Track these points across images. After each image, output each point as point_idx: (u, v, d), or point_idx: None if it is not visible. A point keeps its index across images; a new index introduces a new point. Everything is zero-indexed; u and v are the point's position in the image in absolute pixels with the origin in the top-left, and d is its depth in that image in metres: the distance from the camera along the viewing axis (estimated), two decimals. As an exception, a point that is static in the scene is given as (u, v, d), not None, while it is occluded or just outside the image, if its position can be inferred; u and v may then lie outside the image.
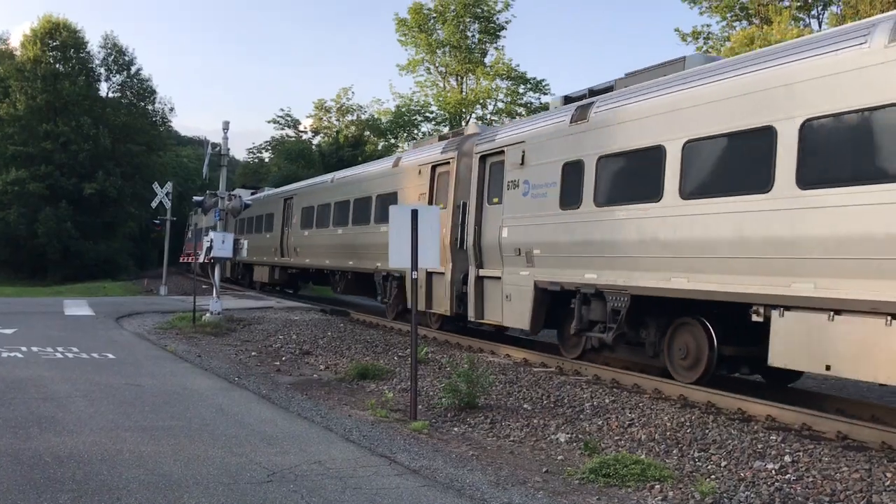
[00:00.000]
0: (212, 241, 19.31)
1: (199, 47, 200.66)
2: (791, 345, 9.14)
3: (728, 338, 10.73)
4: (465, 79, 51.61)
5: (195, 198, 22.26)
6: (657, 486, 6.83)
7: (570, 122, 13.19)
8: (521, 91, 50.54)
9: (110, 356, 13.44)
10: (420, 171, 18.63)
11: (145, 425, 8.28)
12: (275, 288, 33.45)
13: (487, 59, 50.96)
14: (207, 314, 19.26)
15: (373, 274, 21.12)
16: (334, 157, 51.67)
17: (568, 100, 14.47)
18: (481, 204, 15.67)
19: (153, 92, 63.00)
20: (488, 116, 50.74)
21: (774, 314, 9.30)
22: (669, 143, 10.95)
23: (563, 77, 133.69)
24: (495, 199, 15.25)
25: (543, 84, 50.28)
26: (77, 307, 22.80)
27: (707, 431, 8.69)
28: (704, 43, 40.97)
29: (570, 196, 12.95)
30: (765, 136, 9.51)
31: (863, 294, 8.28)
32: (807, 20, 38.54)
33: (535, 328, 14.07)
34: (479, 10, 49.55)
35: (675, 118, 10.94)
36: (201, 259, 20.76)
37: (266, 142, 64.66)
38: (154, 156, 62.17)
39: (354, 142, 54.60)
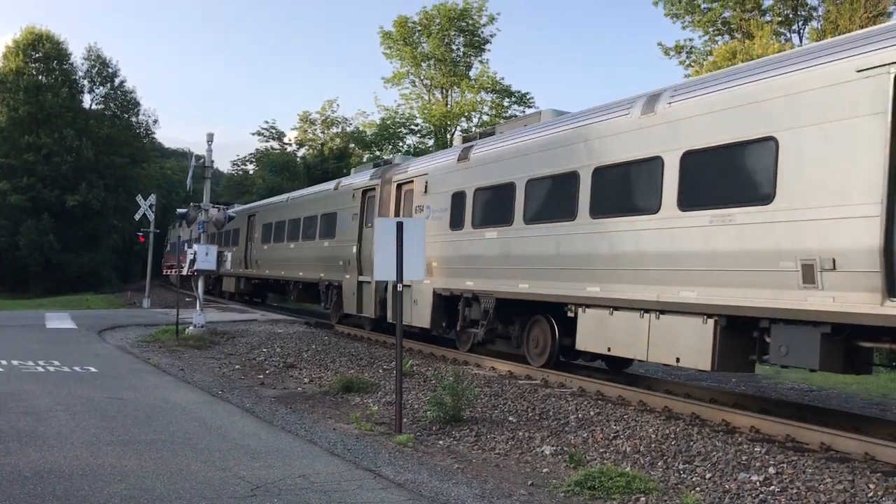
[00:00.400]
0: (195, 253, 19.23)
1: (184, 59, 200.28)
2: (587, 333, 12.34)
3: (565, 331, 13.45)
4: (450, 92, 51.73)
5: (179, 210, 22.18)
6: (642, 499, 6.83)
7: (457, 160, 16.35)
8: (505, 104, 50.72)
9: (92, 369, 13.32)
10: (353, 195, 21.39)
11: (127, 439, 8.20)
12: (242, 297, 35.51)
13: (472, 73, 51.14)
14: (191, 327, 19.15)
15: (318, 283, 24.08)
16: (319, 170, 51.57)
17: (465, 139, 17.94)
18: None
19: (137, 104, 62.72)
20: (473, 129, 50.86)
21: (579, 311, 12.47)
22: (518, 180, 14.16)
23: (548, 90, 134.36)
24: None
25: (528, 97, 50.50)
26: (59, 320, 22.61)
27: (692, 443, 8.70)
28: (687, 57, 41.30)
29: (456, 220, 15.98)
30: (573, 179, 12.69)
31: (628, 295, 11.38)
32: (788, 35, 38.96)
33: (434, 327, 16.87)
34: (463, 24, 49.73)
35: (523, 161, 14.17)
36: (184, 271, 20.64)
37: (251, 154, 64.40)
38: (138, 168, 61.78)
39: (339, 154, 54.52)
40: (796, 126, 9.02)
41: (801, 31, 39.20)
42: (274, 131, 61.79)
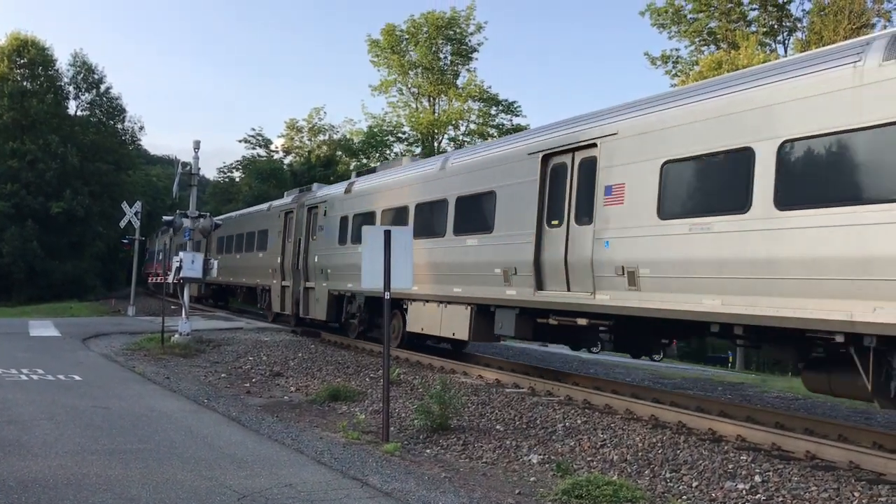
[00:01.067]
0: (181, 261, 19.14)
1: (171, 66, 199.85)
2: (411, 319, 17.24)
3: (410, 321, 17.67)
4: (437, 100, 51.86)
5: (165, 217, 22.07)
6: (629, 507, 6.84)
7: (344, 192, 21.37)
8: (493, 112, 50.89)
9: (77, 378, 13.22)
10: (279, 215, 26.29)
11: (113, 448, 8.14)
12: (206, 301, 37.94)
13: (460, 81, 51.31)
14: (176, 335, 19.05)
15: (255, 288, 29.02)
16: (306, 177, 51.52)
17: (359, 174, 23.30)
18: (308, 239, 23.33)
19: (123, 110, 62.45)
20: (460, 137, 51.01)
21: (409, 304, 17.27)
22: (378, 210, 18.96)
23: (535, 99, 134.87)
24: (314, 237, 22.92)
25: (515, 106, 50.71)
26: (43, 328, 22.43)
27: (678, 452, 8.73)
28: (673, 67, 41.61)
29: (342, 237, 20.71)
30: (443, 205, 16.19)
31: (435, 292, 16.00)
32: (773, 45, 39.31)
33: (329, 319, 21.57)
34: (451, 33, 49.91)
35: (381, 195, 19.09)
36: (171, 279, 20.53)
37: (237, 161, 64.32)
38: (123, 175, 61.44)
39: (326, 161, 54.52)
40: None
41: (786, 41, 39.57)
42: (261, 139, 61.79)
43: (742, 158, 9.54)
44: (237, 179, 63.54)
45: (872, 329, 8.04)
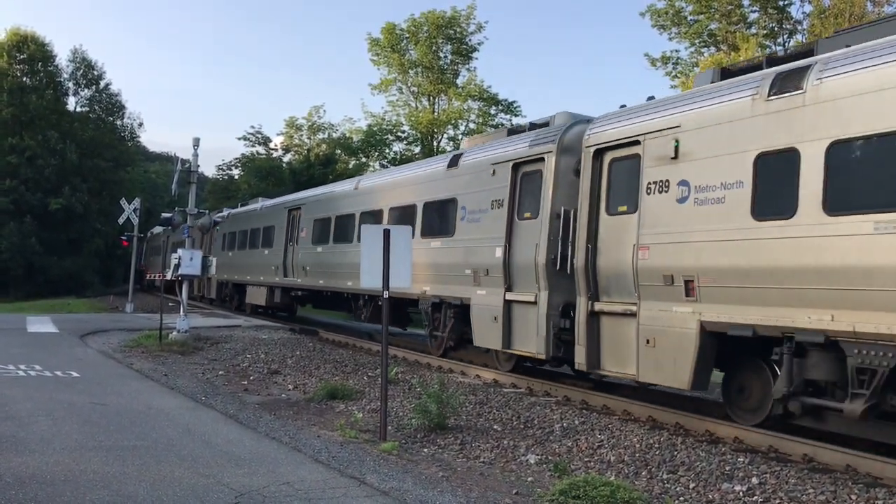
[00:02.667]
0: (180, 258, 19.13)
1: (171, 63, 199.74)
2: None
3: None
4: (437, 99, 51.77)
5: (164, 214, 22.07)
6: (627, 508, 6.84)
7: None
8: (492, 112, 50.82)
9: (74, 374, 13.21)
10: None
11: (110, 445, 8.14)
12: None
13: (459, 80, 51.19)
14: (174, 332, 19.03)
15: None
16: (305, 176, 51.45)
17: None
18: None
19: (122, 107, 62.26)
20: (460, 137, 50.92)
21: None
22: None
23: (535, 98, 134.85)
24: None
25: (515, 106, 50.64)
26: (40, 324, 22.40)
27: (676, 453, 8.74)
28: (673, 68, 41.58)
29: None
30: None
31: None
32: (773, 47, 39.30)
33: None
34: (451, 32, 49.82)
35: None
36: (169, 276, 20.51)
37: (236, 159, 64.02)
38: (122, 171, 61.32)
39: (325, 160, 54.39)
40: None
41: (786, 44, 39.56)
42: (260, 136, 61.50)
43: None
44: (236, 177, 63.40)
45: None
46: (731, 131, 9.81)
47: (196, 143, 20.46)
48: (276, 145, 61.49)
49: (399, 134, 52.95)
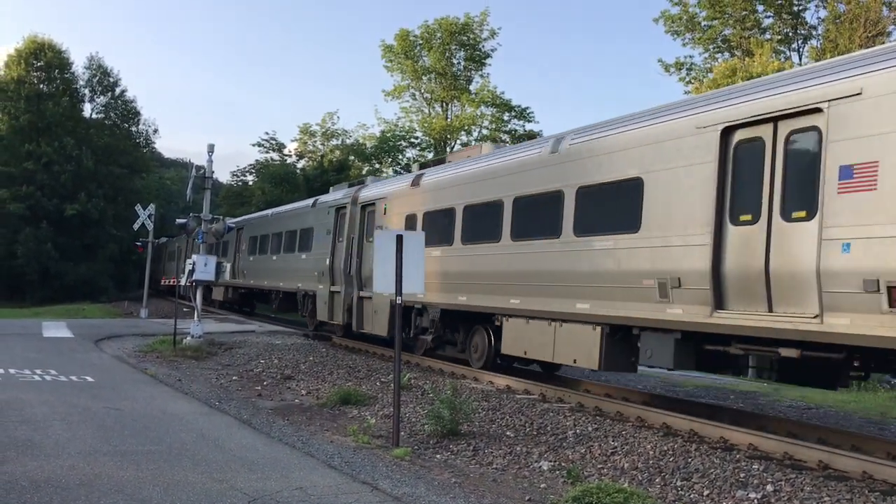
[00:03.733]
0: (194, 263, 19.23)
1: (186, 70, 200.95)
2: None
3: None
4: (450, 105, 51.87)
5: (178, 220, 22.21)
6: (640, 515, 6.80)
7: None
8: (505, 118, 50.85)
9: (89, 379, 13.29)
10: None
11: (124, 450, 8.18)
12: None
13: (472, 87, 51.29)
14: (188, 338, 19.12)
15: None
16: (318, 182, 51.60)
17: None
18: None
19: (137, 113, 62.76)
20: (473, 143, 50.96)
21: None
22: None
23: (549, 105, 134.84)
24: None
25: (528, 112, 50.64)
26: (56, 329, 22.56)
27: (690, 460, 8.69)
28: (687, 74, 41.49)
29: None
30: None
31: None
32: (787, 53, 39.16)
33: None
34: (464, 38, 49.92)
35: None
36: (183, 282, 20.63)
37: (250, 165, 64.31)
38: (137, 178, 61.77)
39: (339, 166, 54.53)
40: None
41: (801, 49, 39.41)
42: (274, 143, 61.76)
43: None
44: (250, 183, 63.66)
45: None
46: None
47: (210, 149, 20.61)
48: (290, 151, 61.76)
49: (412, 140, 53.09)
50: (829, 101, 8.69)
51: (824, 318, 8.51)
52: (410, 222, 17.44)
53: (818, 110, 8.82)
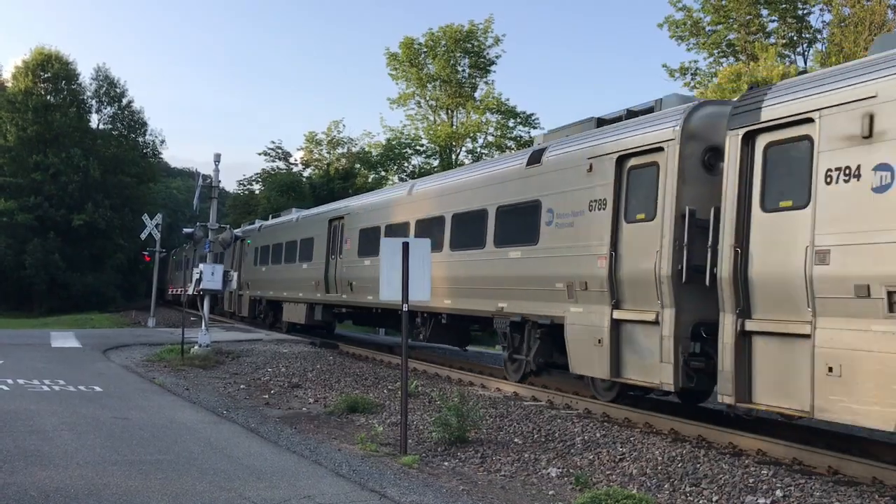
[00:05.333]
0: (201, 272, 19.27)
1: (192, 80, 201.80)
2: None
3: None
4: (455, 112, 51.95)
5: (185, 230, 22.27)
6: (649, 522, 6.78)
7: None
8: (510, 125, 50.90)
9: (97, 389, 13.32)
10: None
11: (133, 459, 8.19)
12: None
13: (477, 94, 51.36)
14: (196, 346, 19.15)
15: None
16: (324, 190, 51.71)
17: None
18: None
19: (144, 124, 63.03)
20: (478, 150, 51.04)
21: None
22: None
23: (553, 110, 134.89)
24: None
25: (533, 118, 50.68)
26: (64, 339, 22.62)
27: (698, 466, 8.66)
28: (692, 78, 41.46)
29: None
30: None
31: None
32: (792, 57, 39.12)
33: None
34: (469, 46, 50.00)
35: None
36: (190, 291, 20.68)
37: (257, 174, 64.55)
38: (144, 187, 62.02)
39: (345, 174, 54.66)
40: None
41: (806, 53, 39.36)
42: (280, 151, 61.98)
43: None
44: (257, 192, 63.82)
45: None
46: None
47: (217, 158, 20.67)
48: (296, 160, 61.93)
49: (418, 147, 53.17)
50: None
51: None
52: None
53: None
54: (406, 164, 52.80)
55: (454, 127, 51.20)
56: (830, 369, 8.47)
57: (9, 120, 54.08)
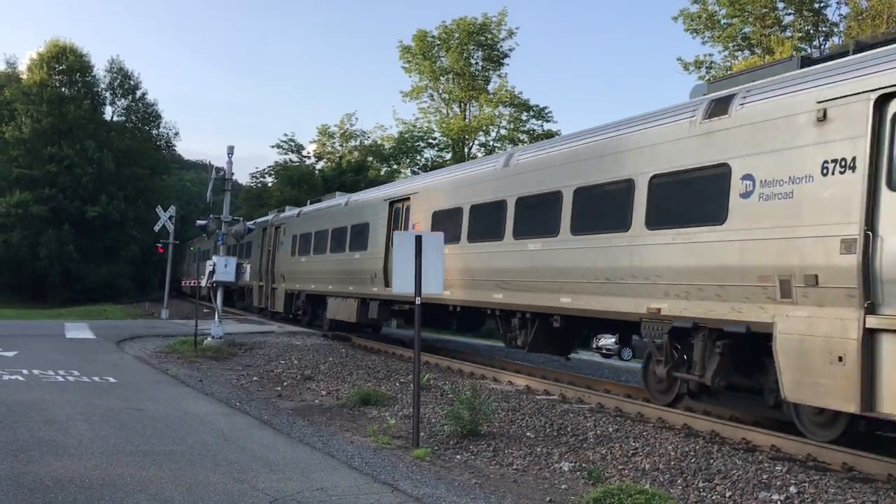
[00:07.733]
0: (214, 264, 19.35)
1: (206, 73, 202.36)
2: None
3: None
4: (468, 105, 51.88)
5: (198, 221, 22.37)
6: (662, 517, 6.76)
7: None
8: (523, 118, 50.78)
9: (111, 380, 13.39)
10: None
11: (146, 450, 8.23)
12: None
13: (491, 87, 51.26)
14: (209, 338, 19.23)
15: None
16: (337, 183, 51.77)
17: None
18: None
19: (158, 116, 63.33)
20: (491, 143, 50.94)
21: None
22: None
23: (567, 104, 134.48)
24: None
25: (546, 111, 50.55)
26: (78, 330, 22.76)
27: (711, 461, 8.62)
28: (707, 72, 41.18)
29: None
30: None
31: None
32: (808, 50, 38.78)
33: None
34: (482, 38, 49.91)
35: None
36: (204, 283, 20.77)
37: (269, 166, 64.68)
38: (158, 179, 62.33)
39: (357, 167, 54.70)
40: None
41: (822, 46, 38.98)
42: (293, 144, 62.05)
43: None
44: (269, 185, 63.97)
45: None
46: None
47: (230, 151, 20.72)
48: (308, 153, 62.00)
49: (430, 140, 53.14)
50: None
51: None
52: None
53: None
54: (419, 158, 52.80)
55: (467, 120, 51.13)
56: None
57: (24, 112, 54.43)
